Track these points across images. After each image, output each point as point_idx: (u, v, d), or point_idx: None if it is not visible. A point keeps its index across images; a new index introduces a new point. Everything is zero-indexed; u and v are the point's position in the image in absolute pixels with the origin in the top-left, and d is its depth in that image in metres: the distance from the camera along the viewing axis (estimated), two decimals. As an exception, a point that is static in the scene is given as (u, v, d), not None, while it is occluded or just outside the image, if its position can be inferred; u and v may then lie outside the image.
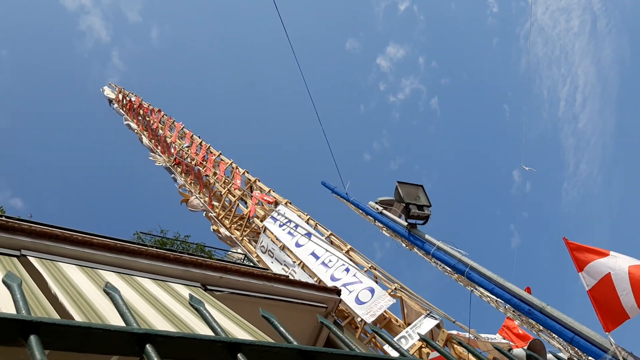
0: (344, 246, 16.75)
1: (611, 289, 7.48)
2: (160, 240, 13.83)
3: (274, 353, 0.88)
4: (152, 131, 32.38)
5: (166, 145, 30.02)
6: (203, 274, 8.36)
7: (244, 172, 24.07)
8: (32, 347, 0.67)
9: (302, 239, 17.59)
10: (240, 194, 23.35)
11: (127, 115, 36.35)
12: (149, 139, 32.52)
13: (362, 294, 14.20)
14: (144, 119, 34.41)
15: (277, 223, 19.21)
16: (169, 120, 31.63)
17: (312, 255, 16.64)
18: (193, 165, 26.84)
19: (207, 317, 0.90)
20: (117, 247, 7.74)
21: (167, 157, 29.65)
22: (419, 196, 10.89)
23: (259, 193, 21.87)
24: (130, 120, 35.57)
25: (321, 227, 18.17)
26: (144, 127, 33.99)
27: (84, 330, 0.72)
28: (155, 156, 30.27)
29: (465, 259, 9.56)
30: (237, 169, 24.55)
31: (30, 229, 7.08)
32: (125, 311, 0.83)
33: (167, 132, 30.78)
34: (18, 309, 0.73)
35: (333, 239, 17.33)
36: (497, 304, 8.98)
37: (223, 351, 0.83)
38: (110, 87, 41.68)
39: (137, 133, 34.20)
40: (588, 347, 7.14)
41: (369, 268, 15.48)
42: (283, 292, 9.12)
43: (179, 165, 28.49)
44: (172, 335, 0.78)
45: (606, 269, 7.64)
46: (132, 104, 36.40)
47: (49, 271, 6.45)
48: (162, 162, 29.42)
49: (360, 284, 14.52)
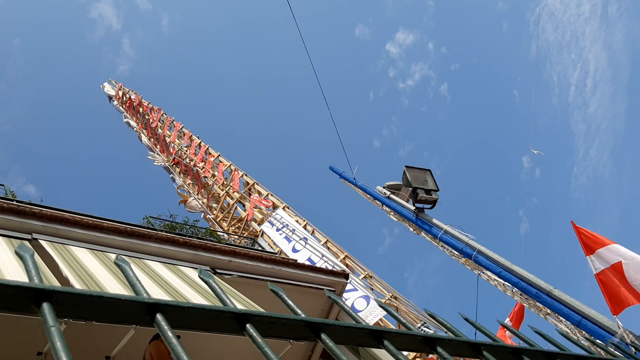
0: (341, 253, 16.91)
1: (621, 276, 7.47)
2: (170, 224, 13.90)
3: (282, 324, 0.89)
4: (151, 130, 32.15)
5: (165, 145, 29.84)
6: (212, 258, 8.42)
7: (243, 174, 23.97)
8: (44, 314, 0.68)
9: (298, 245, 17.72)
10: (239, 196, 23.28)
11: (127, 113, 35.96)
12: (148, 138, 32.28)
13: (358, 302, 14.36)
14: (143, 117, 34.07)
15: (275, 228, 19.25)
16: (169, 119, 31.31)
17: (308, 261, 16.76)
18: (192, 166, 26.72)
19: (217, 289, 0.92)
20: (127, 231, 7.80)
21: (166, 156, 29.44)
22: (426, 180, 10.86)
23: (257, 196, 21.85)
24: (129, 118, 35.19)
25: (319, 232, 18.31)
26: (144, 125, 33.72)
27: (96, 299, 0.73)
28: (154, 155, 30.08)
29: (472, 242, 9.55)
30: (236, 171, 24.41)
31: (41, 213, 7.14)
32: (136, 282, 0.84)
33: (167, 131, 30.53)
34: (30, 278, 0.74)
35: (330, 245, 17.47)
36: (505, 287, 8.99)
37: (232, 322, 0.84)
38: (110, 84, 41.17)
39: (137, 131, 33.90)
40: (595, 330, 7.14)
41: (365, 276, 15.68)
42: (291, 276, 9.16)
43: (178, 165, 28.32)
44: (182, 305, 0.79)
45: (617, 257, 7.62)
46: (131, 102, 35.99)
47: (60, 254, 6.52)
48: (160, 161, 29.24)
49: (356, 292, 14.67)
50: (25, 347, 5.93)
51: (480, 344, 1.22)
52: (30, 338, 6.14)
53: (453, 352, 1.17)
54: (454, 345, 1.18)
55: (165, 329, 0.75)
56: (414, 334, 1.11)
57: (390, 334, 1.06)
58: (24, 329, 6.36)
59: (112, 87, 40.44)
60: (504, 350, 1.27)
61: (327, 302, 9.95)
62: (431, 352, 1.16)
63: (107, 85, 41.22)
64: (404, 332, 1.09)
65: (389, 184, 12.55)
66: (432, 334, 1.14)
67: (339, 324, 0.96)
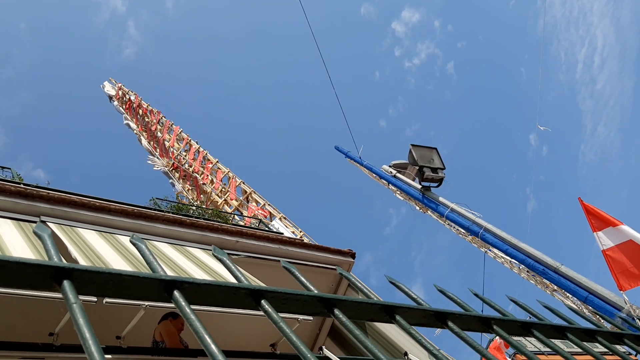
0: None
1: (630, 254, 7.45)
2: (177, 205, 13.98)
3: (296, 300, 0.91)
4: (150, 132, 31.85)
5: (164, 149, 29.62)
6: (219, 238, 8.47)
7: (240, 182, 23.95)
8: (66, 291, 0.69)
9: None
10: (237, 204, 23.31)
11: (127, 114, 35.56)
12: (148, 141, 31.97)
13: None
14: (143, 119, 33.71)
15: None
16: (168, 122, 30.96)
17: None
18: (190, 172, 26.62)
19: (231, 267, 0.93)
20: (135, 213, 7.85)
21: (165, 161, 29.23)
22: (433, 159, 10.84)
23: (254, 205, 21.90)
24: (130, 120, 34.78)
25: None
26: (143, 127, 33.37)
27: (115, 277, 0.74)
28: (154, 159, 29.81)
29: (479, 220, 9.57)
30: (233, 179, 24.37)
31: (49, 196, 7.18)
32: (152, 260, 0.85)
33: (166, 134, 30.24)
34: (50, 257, 0.75)
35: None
36: (512, 265, 9.02)
37: (247, 298, 0.85)
38: (110, 83, 40.29)
39: (137, 134, 33.50)
40: (602, 306, 7.18)
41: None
42: (298, 255, 9.22)
43: (177, 170, 28.17)
44: (198, 282, 0.80)
45: (626, 236, 7.60)
46: (131, 103, 35.51)
47: (68, 236, 6.57)
48: (160, 165, 28.98)
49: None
50: (37, 328, 6.02)
51: (491, 319, 1.24)
52: (41, 319, 6.22)
53: (464, 326, 1.19)
54: (465, 319, 1.20)
55: (183, 305, 0.77)
56: (425, 308, 1.12)
57: (401, 309, 1.08)
58: (35, 311, 6.44)
59: (112, 87, 39.49)
60: (514, 324, 1.29)
61: (334, 281, 10.02)
62: (442, 327, 1.17)
63: (107, 84, 40.18)
64: (416, 307, 1.10)
65: (395, 163, 12.54)
66: (443, 309, 1.16)
67: (352, 299, 0.98)
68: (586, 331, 1.44)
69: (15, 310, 6.58)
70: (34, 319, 6.44)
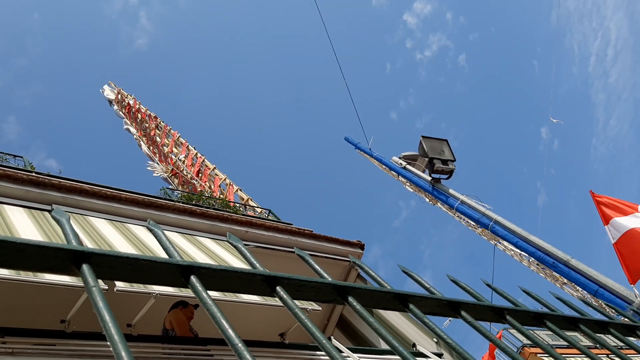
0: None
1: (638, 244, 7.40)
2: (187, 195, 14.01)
3: (311, 287, 0.91)
4: (149, 137, 31.69)
5: (163, 154, 29.48)
6: (229, 228, 8.50)
7: (237, 189, 23.90)
8: (85, 275, 0.70)
9: None
10: None
11: (127, 119, 35.30)
12: (147, 146, 31.80)
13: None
14: (141, 123, 33.50)
15: None
16: (166, 127, 30.77)
17: None
18: (189, 179, 26.54)
19: (246, 253, 0.93)
20: (145, 202, 7.89)
21: (165, 166, 29.12)
22: (443, 150, 10.80)
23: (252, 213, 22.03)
24: (129, 125, 34.60)
25: None
26: (143, 132, 33.18)
27: (133, 261, 0.74)
28: (154, 165, 29.67)
29: (489, 212, 9.53)
30: (231, 186, 24.31)
31: (60, 184, 7.24)
32: (169, 245, 0.86)
33: (165, 139, 30.09)
34: (69, 241, 0.76)
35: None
36: (521, 257, 8.99)
37: (262, 284, 0.86)
38: (110, 87, 39.92)
39: (137, 139, 33.22)
40: (612, 299, 7.14)
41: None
42: (307, 246, 9.23)
43: (176, 177, 28.07)
44: (215, 267, 0.81)
45: (633, 225, 7.55)
46: (130, 107, 35.22)
47: (80, 225, 6.62)
48: (160, 171, 28.81)
49: None
50: (49, 315, 6.08)
51: (504, 309, 1.24)
52: (53, 306, 6.28)
53: (477, 316, 1.18)
54: (478, 309, 1.19)
55: (200, 290, 0.77)
56: (439, 298, 1.12)
57: (415, 298, 1.08)
58: (48, 298, 6.51)
59: (111, 90, 39.04)
60: (526, 314, 1.29)
61: (343, 272, 10.04)
62: (455, 316, 1.17)
63: (106, 88, 39.68)
64: (429, 296, 1.10)
65: (404, 155, 12.50)
66: (456, 298, 1.16)
67: (366, 287, 0.98)
68: (599, 323, 1.44)
69: (27, 297, 6.65)
70: (46, 305, 6.51)
